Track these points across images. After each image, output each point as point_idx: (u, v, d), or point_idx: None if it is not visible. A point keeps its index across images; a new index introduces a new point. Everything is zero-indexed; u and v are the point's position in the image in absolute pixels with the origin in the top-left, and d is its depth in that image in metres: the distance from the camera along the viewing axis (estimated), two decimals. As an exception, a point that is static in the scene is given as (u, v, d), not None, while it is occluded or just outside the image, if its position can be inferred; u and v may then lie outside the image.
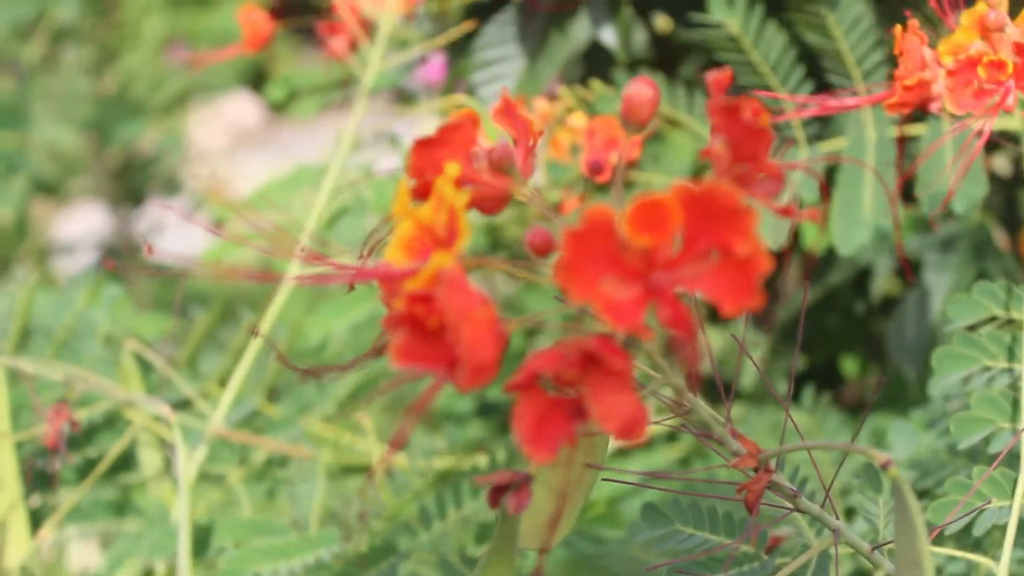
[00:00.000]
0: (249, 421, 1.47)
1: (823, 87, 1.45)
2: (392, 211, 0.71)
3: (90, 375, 1.35)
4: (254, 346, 1.38)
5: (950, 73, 0.91)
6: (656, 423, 1.50)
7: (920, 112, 1.01)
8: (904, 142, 1.37)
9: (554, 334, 1.20)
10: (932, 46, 0.98)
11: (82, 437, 1.43)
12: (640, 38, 1.95)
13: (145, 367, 1.49)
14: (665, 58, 1.84)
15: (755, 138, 0.68)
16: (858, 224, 1.28)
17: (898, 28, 0.95)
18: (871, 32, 1.41)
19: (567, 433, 0.63)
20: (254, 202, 1.68)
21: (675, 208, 0.62)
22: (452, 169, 0.66)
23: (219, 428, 1.36)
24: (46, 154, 3.83)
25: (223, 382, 1.53)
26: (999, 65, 0.91)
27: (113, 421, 1.43)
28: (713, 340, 1.66)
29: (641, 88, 0.72)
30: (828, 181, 1.42)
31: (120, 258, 4.28)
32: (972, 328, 1.02)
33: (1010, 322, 1.02)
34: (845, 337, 1.78)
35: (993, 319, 1.03)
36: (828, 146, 1.44)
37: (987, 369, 1.00)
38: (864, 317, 1.77)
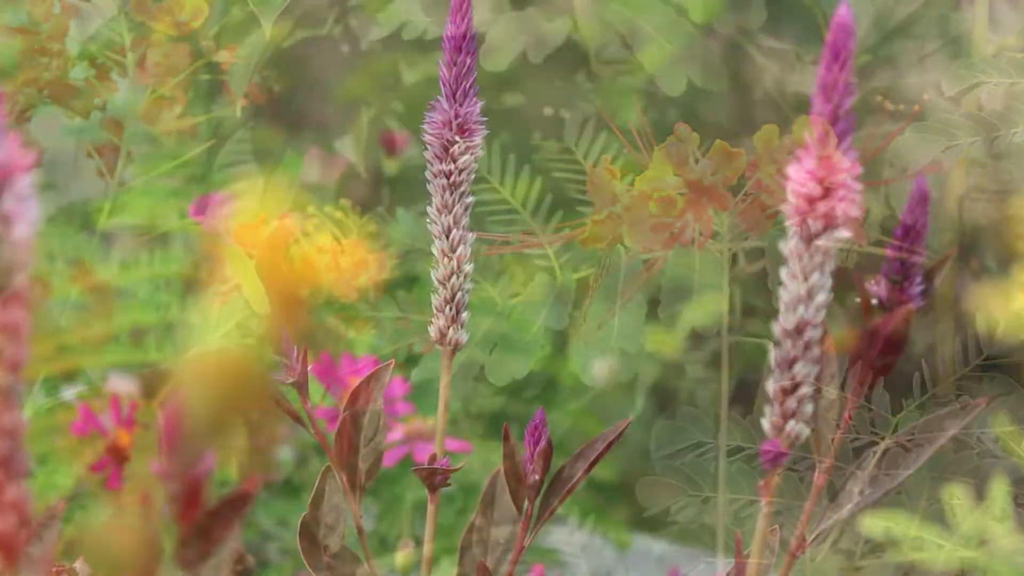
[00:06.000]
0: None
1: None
2: None
3: None
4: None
5: (626, 209, 1.00)
6: None
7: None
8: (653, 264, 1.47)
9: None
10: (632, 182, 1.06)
11: None
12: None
13: None
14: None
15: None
16: (601, 352, 1.36)
17: (589, 166, 1.04)
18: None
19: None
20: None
21: None
22: None
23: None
24: None
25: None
26: (670, 201, 1.00)
27: None
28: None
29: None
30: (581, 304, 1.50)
31: None
32: (677, 454, 1.10)
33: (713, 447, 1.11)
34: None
35: (699, 445, 1.11)
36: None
37: (690, 496, 1.09)
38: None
